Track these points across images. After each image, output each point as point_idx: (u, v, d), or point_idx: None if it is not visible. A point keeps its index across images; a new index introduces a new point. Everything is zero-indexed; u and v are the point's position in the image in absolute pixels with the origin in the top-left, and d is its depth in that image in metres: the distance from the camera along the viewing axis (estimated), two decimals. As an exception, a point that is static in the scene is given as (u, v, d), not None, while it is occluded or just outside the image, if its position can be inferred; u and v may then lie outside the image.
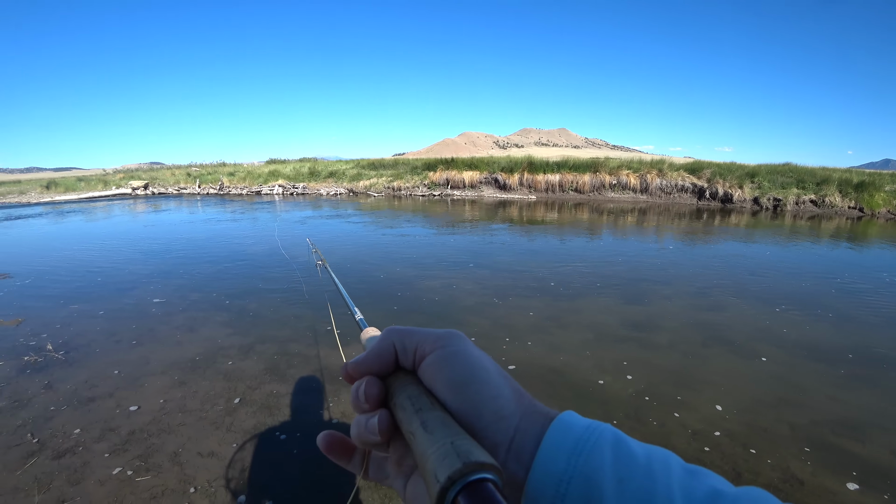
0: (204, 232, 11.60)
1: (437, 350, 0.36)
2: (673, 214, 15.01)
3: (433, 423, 0.31)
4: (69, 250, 9.62)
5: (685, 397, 3.43)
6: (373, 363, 0.38)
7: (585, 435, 0.32)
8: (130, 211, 18.55)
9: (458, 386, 0.34)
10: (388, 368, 0.38)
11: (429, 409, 0.33)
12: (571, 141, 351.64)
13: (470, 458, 0.27)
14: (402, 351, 0.38)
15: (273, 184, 25.90)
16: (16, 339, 4.62)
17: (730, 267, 7.53)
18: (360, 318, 0.62)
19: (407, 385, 0.36)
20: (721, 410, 3.25)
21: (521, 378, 3.65)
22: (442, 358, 0.36)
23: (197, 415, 3.19)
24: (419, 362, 0.37)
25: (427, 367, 0.36)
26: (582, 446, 0.31)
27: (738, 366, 3.97)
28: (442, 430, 0.30)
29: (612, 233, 11.14)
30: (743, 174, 18.34)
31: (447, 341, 0.37)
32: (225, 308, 5.38)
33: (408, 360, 0.38)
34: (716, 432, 3.00)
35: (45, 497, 2.47)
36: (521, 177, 20.79)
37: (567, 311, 5.22)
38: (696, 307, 5.47)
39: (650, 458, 0.31)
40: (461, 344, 0.37)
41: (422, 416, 0.32)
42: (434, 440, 0.30)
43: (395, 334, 0.38)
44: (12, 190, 32.22)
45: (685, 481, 0.30)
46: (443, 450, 0.28)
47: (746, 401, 3.40)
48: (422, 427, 0.31)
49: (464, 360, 0.36)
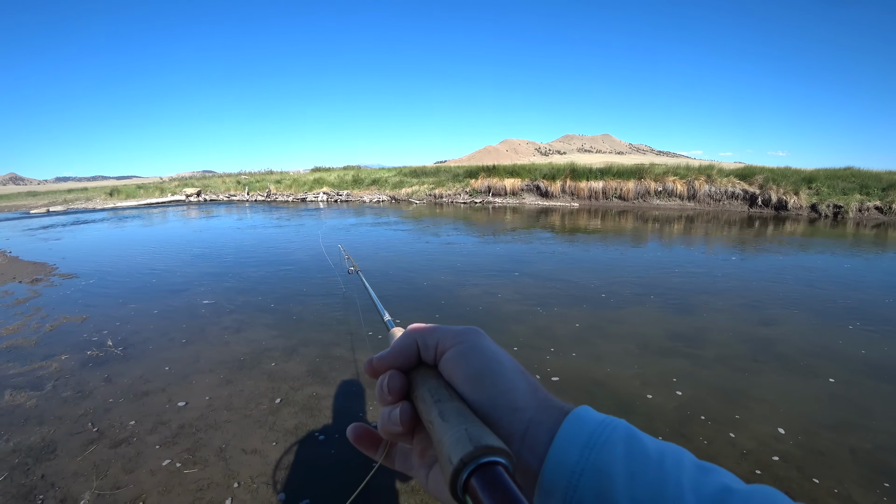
0: (252, 237, 12.07)
1: (456, 345, 0.38)
2: (722, 222, 14.36)
3: (449, 413, 0.33)
4: (128, 253, 10.23)
5: (735, 415, 3.23)
6: (396, 358, 0.40)
7: (599, 429, 0.32)
8: (184, 217, 19.54)
9: (474, 378, 0.36)
10: (411, 363, 0.40)
11: (447, 400, 0.34)
12: (615, 147, 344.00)
13: (481, 441, 0.29)
14: (423, 346, 0.39)
15: (318, 191, 26.65)
16: (80, 334, 4.94)
17: (785, 278, 7.08)
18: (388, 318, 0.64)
19: (428, 378, 0.38)
20: (774, 430, 3.05)
21: (562, 389, 3.58)
22: (460, 353, 0.38)
23: (242, 412, 3.30)
24: (440, 357, 0.39)
25: (447, 361, 0.38)
26: (595, 440, 0.32)
27: (793, 383, 3.71)
28: (457, 418, 0.32)
29: (657, 241, 10.78)
30: (799, 179, 17.31)
31: (466, 337, 0.39)
32: (270, 311, 5.55)
33: (429, 355, 0.39)
34: (769, 453, 2.82)
35: (101, 483, 2.61)
36: (564, 184, 20.46)
37: (610, 322, 5.08)
38: (747, 320, 5.18)
39: (662, 453, 0.32)
40: (479, 339, 0.39)
41: (440, 406, 0.34)
42: (449, 427, 0.31)
43: (417, 332, 0.40)
44: (80, 196, 34.68)
45: (696, 477, 0.30)
46: (457, 435, 0.30)
47: (802, 421, 3.16)
48: (439, 416, 0.33)
49: (481, 354, 0.37)
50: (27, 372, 4.07)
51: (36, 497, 2.52)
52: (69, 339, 4.81)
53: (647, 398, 3.46)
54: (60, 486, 2.60)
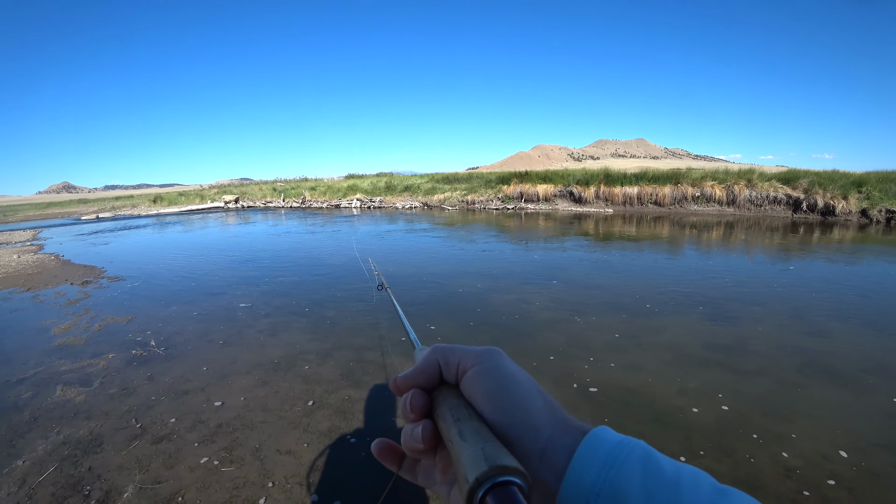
0: (287, 243, 12.36)
1: (476, 365, 0.39)
2: (764, 228, 13.79)
3: (468, 432, 0.34)
4: (171, 257, 10.66)
5: (779, 431, 3.07)
6: (418, 377, 0.41)
7: (616, 450, 0.33)
8: (222, 223, 20.22)
9: (493, 398, 0.37)
10: (433, 382, 0.41)
11: (466, 420, 0.35)
12: (650, 151, 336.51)
13: (496, 461, 0.30)
14: (445, 366, 0.41)
15: (351, 198, 27.11)
16: (126, 334, 5.17)
17: (833, 287, 6.69)
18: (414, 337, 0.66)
19: (449, 398, 0.39)
20: (822, 448, 2.88)
21: (597, 399, 3.49)
22: (480, 373, 0.39)
23: (277, 414, 3.37)
24: (461, 376, 0.40)
25: (467, 380, 0.39)
26: (613, 460, 0.32)
27: (843, 399, 3.49)
28: (475, 437, 0.33)
29: (695, 248, 10.44)
30: (847, 183, 16.44)
31: (486, 357, 0.40)
32: (305, 315, 5.66)
33: (451, 374, 0.41)
34: (817, 473, 2.66)
35: (143, 477, 2.70)
36: (598, 189, 20.10)
37: (646, 330, 4.93)
38: (792, 331, 4.93)
39: (679, 474, 0.32)
40: (499, 359, 0.40)
41: (459, 425, 0.35)
42: (467, 446, 0.32)
43: (440, 352, 0.42)
44: (126, 203, 36.43)
45: (713, 500, 0.31)
46: (474, 455, 0.31)
47: (854, 440, 2.97)
48: (458, 435, 0.34)
49: (499, 374, 0.38)
50: (77, 369, 4.28)
51: (84, 488, 2.63)
52: (115, 339, 5.03)
53: (686, 410, 3.33)
54: (106, 479, 2.71)
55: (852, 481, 2.58)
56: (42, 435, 3.20)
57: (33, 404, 3.64)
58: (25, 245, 15.13)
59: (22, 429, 3.29)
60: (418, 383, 0.41)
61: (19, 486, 2.68)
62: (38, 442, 3.12)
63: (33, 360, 4.52)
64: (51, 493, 2.60)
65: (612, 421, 3.20)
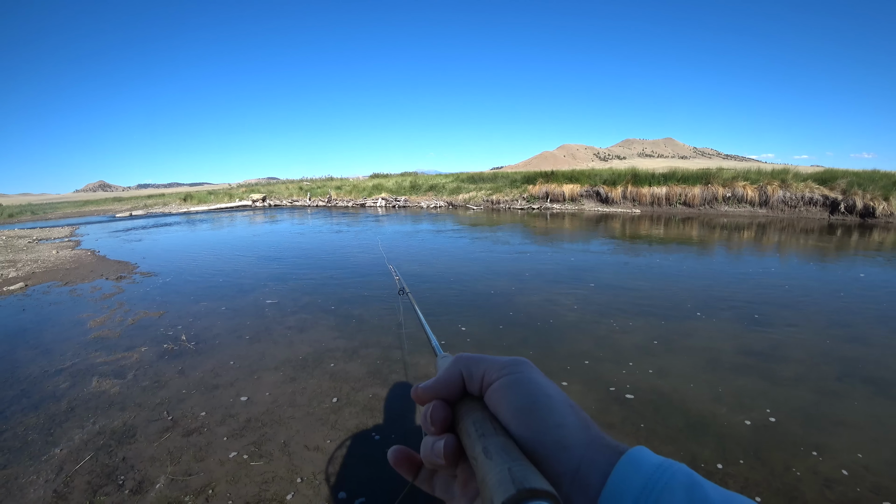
0: (314, 241, 12.50)
1: (503, 377, 0.36)
2: (799, 230, 13.28)
3: (494, 449, 0.31)
4: (201, 254, 10.90)
5: (818, 441, 2.93)
6: (440, 388, 0.39)
7: (657, 474, 0.30)
8: (250, 221, 20.61)
9: (521, 413, 0.34)
10: (455, 394, 0.39)
11: (492, 435, 0.33)
12: (678, 151, 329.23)
13: (525, 484, 0.27)
14: (468, 378, 0.38)
15: (376, 197, 27.29)
16: (158, 328, 5.28)
17: (874, 293, 6.36)
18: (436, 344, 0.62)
19: (473, 411, 0.37)
20: (863, 459, 2.73)
21: (625, 402, 3.40)
22: (507, 385, 0.36)
23: (305, 410, 3.37)
24: (486, 388, 0.37)
25: (493, 393, 0.36)
26: (653, 486, 0.29)
27: (886, 409, 3.31)
28: (502, 455, 0.30)
29: (726, 250, 10.12)
30: (889, 184, 15.68)
31: (513, 368, 0.37)
32: (332, 312, 5.69)
33: (474, 386, 0.38)
34: (857, 485, 2.52)
35: (175, 469, 2.74)
36: (625, 190, 19.67)
37: (676, 333, 4.78)
38: (831, 337, 4.70)
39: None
40: (527, 371, 0.37)
41: (484, 441, 0.32)
42: (493, 466, 0.30)
43: (463, 362, 0.39)
44: (158, 202, 37.49)
45: None
46: (500, 475, 0.28)
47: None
48: (483, 452, 0.31)
49: (528, 387, 0.36)
50: (112, 361, 4.38)
51: (118, 477, 2.68)
52: (148, 333, 5.14)
53: (719, 416, 3.21)
54: (139, 469, 2.75)
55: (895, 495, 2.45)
56: (78, 424, 3.28)
57: (70, 394, 3.74)
58: (63, 241, 15.72)
59: (59, 418, 3.38)
60: (440, 394, 0.39)
61: (57, 472, 2.75)
62: (74, 431, 3.20)
63: (70, 352, 4.66)
64: (87, 481, 2.66)
65: (644, 427, 3.11)
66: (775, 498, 2.44)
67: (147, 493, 2.53)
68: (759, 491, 2.48)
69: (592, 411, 3.28)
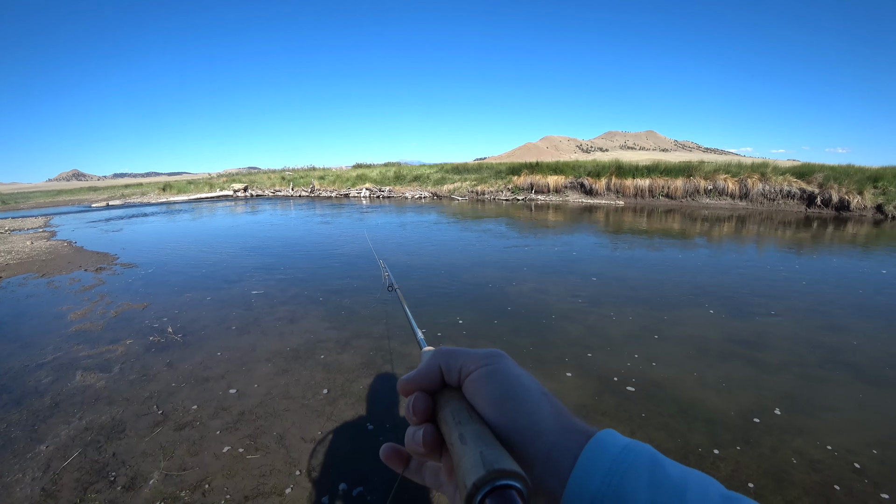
0: (299, 231, 12.34)
1: (479, 368, 0.38)
2: (777, 223, 13.58)
3: (469, 436, 0.33)
4: (183, 245, 10.66)
5: (801, 423, 3.05)
6: (421, 380, 0.41)
7: (622, 455, 0.32)
8: (232, 211, 20.23)
9: (496, 402, 0.36)
10: (435, 385, 0.40)
11: (467, 423, 0.35)
12: (660, 144, 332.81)
13: (494, 465, 0.29)
14: (446, 370, 0.40)
15: (360, 187, 27.01)
16: (143, 320, 5.15)
17: (850, 282, 6.58)
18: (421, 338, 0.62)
19: (451, 400, 0.38)
20: (847, 442, 2.85)
21: (616, 389, 3.44)
22: (483, 376, 0.38)
23: (299, 402, 3.33)
24: (464, 379, 0.39)
25: (470, 383, 0.38)
26: (618, 466, 0.31)
27: (865, 393, 3.45)
28: (476, 441, 0.32)
29: (709, 241, 10.29)
30: (863, 178, 16.12)
31: (489, 360, 0.39)
32: (321, 303, 5.62)
33: (453, 377, 0.40)
34: (841, 466, 2.63)
35: (168, 464, 2.68)
36: (609, 181, 19.86)
37: (665, 322, 4.85)
38: (811, 325, 4.84)
39: (686, 480, 0.31)
40: (503, 363, 0.39)
41: (460, 428, 0.34)
42: (467, 451, 0.31)
43: (441, 355, 0.41)
44: (136, 191, 36.57)
45: None
46: (473, 459, 0.30)
47: (876, 433, 2.95)
48: (459, 439, 0.33)
49: (503, 377, 0.37)
50: (96, 354, 4.27)
51: (108, 473, 2.61)
52: (132, 325, 5.01)
53: (708, 403, 3.30)
54: (130, 465, 2.69)
55: (877, 475, 2.56)
56: (64, 420, 3.19)
57: (54, 389, 3.63)
58: (38, 231, 15.23)
59: (44, 413, 3.28)
60: (421, 386, 0.41)
61: (44, 470, 2.66)
62: (60, 427, 3.11)
63: (51, 346, 4.52)
64: (75, 478, 2.59)
65: (635, 412, 3.17)
66: (764, 479, 2.51)
67: (141, 488, 2.47)
68: (749, 473, 2.55)
69: (586, 399, 3.32)
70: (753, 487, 2.45)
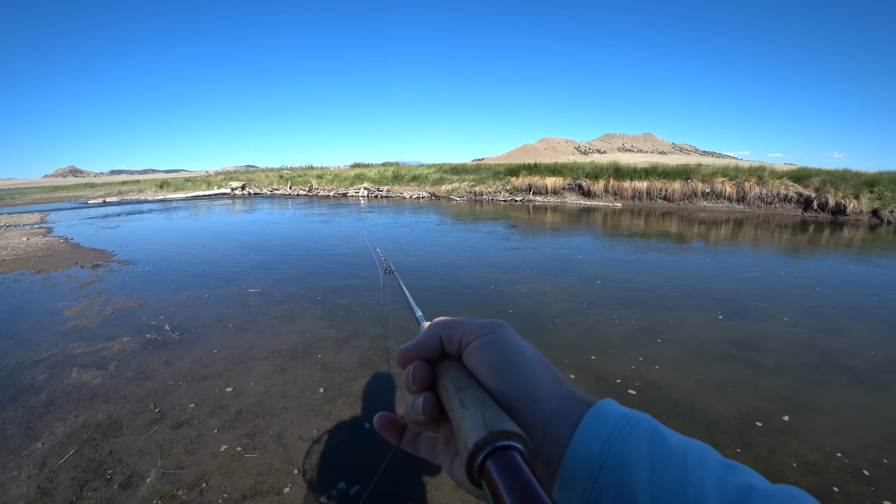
0: (297, 230, 12.31)
1: (480, 337, 0.38)
2: (774, 226, 13.64)
3: (470, 400, 0.33)
4: (181, 242, 10.62)
5: (798, 426, 3.06)
6: (421, 349, 0.40)
7: (622, 423, 0.32)
8: (230, 210, 20.17)
9: (497, 369, 0.36)
10: (435, 354, 0.40)
11: (468, 388, 0.35)
12: (658, 146, 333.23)
13: (496, 427, 0.29)
14: (447, 339, 0.40)
15: (358, 186, 26.95)
16: (139, 318, 5.13)
17: (846, 286, 6.62)
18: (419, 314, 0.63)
19: (451, 369, 0.38)
20: (841, 444, 2.87)
21: (614, 390, 3.45)
22: (484, 344, 0.38)
23: (297, 401, 3.32)
24: (464, 349, 0.39)
25: (470, 352, 0.38)
26: (618, 433, 0.31)
27: (861, 396, 3.47)
28: (476, 405, 0.32)
29: (706, 244, 10.32)
30: (859, 183, 16.23)
31: (490, 329, 0.39)
32: (319, 302, 5.61)
33: (453, 347, 0.40)
34: (836, 467, 2.65)
35: (165, 462, 2.66)
36: (607, 183, 19.90)
37: (662, 324, 4.86)
38: (808, 328, 4.86)
39: (686, 449, 0.31)
40: (503, 331, 0.39)
41: (461, 394, 0.34)
42: (468, 414, 0.32)
43: (442, 325, 0.41)
44: (133, 188, 36.42)
45: (720, 474, 0.30)
46: (474, 421, 0.30)
47: (872, 436, 2.97)
48: (459, 404, 0.33)
49: (504, 345, 0.38)
50: (92, 352, 4.24)
51: (105, 471, 2.60)
52: (129, 322, 4.99)
53: (706, 404, 3.31)
54: (127, 463, 2.67)
55: (873, 477, 2.58)
56: (60, 417, 3.17)
57: (49, 386, 3.61)
58: (34, 228, 15.14)
59: (39, 411, 3.26)
60: (421, 355, 0.40)
61: (39, 468, 2.64)
62: (56, 424, 3.08)
63: (47, 343, 4.49)
64: (71, 476, 2.57)
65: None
66: (760, 481, 2.51)
67: (138, 487, 2.46)
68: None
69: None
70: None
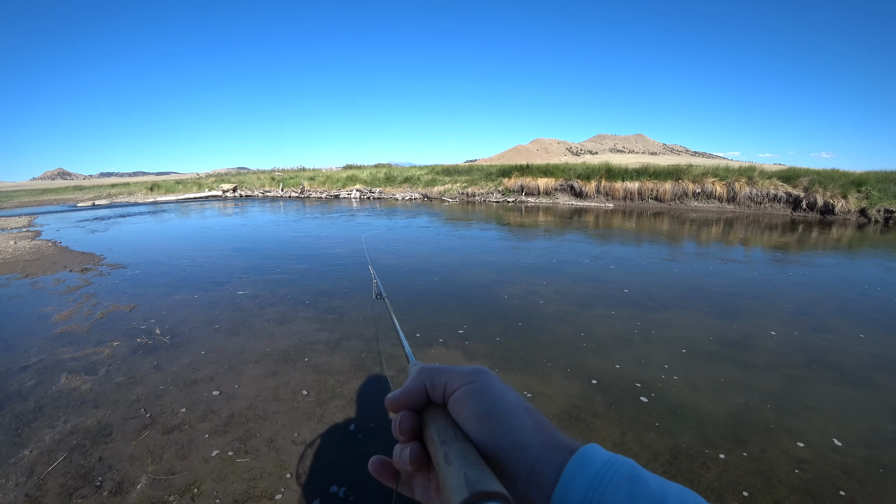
0: (289, 233, 12.25)
1: (464, 386, 0.39)
2: (764, 226, 13.78)
3: (454, 455, 0.33)
4: (171, 245, 10.54)
5: (789, 424, 3.10)
6: (406, 399, 0.41)
7: (603, 470, 0.33)
8: (221, 212, 20.04)
9: (481, 419, 0.37)
10: (420, 403, 0.41)
11: (452, 441, 0.35)
12: (649, 147, 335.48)
13: (476, 487, 0.29)
14: (431, 387, 0.41)
15: (351, 188, 26.88)
16: (129, 322, 5.08)
17: (835, 284, 6.70)
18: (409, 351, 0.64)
19: (436, 418, 0.39)
20: (831, 441, 2.91)
21: (607, 392, 3.46)
22: (468, 393, 0.39)
23: (290, 404, 3.30)
24: (448, 397, 0.40)
25: (455, 401, 0.39)
26: (599, 481, 0.32)
27: (850, 394, 3.52)
28: (460, 461, 0.33)
29: (697, 244, 10.41)
30: (847, 183, 16.46)
31: (474, 377, 0.40)
32: (311, 305, 5.59)
33: (437, 395, 0.41)
34: (828, 465, 2.68)
35: (157, 468, 2.64)
36: (599, 184, 20.02)
37: (654, 324, 4.90)
38: (797, 326, 4.92)
39: (665, 494, 0.32)
40: (487, 380, 0.40)
41: (445, 448, 0.35)
42: (451, 471, 0.32)
43: (426, 373, 0.42)
44: (123, 191, 36.07)
45: None
46: (457, 480, 0.31)
47: (861, 433, 3.01)
48: (444, 459, 0.34)
49: (487, 394, 0.38)
50: (81, 357, 4.20)
51: (95, 478, 2.57)
52: (119, 327, 4.94)
53: (698, 403, 3.34)
54: (117, 469, 2.64)
55: (863, 474, 2.61)
56: (49, 424, 3.13)
57: (38, 392, 3.56)
58: (22, 231, 14.94)
59: (27, 417, 3.22)
60: (406, 404, 0.41)
61: (28, 475, 2.61)
62: (44, 431, 3.05)
63: (35, 348, 4.44)
64: (60, 483, 2.54)
65: (625, 413, 3.19)
66: (753, 479, 2.54)
67: (128, 493, 2.43)
68: (738, 474, 2.58)
69: (576, 401, 3.34)
70: (742, 487, 2.47)
